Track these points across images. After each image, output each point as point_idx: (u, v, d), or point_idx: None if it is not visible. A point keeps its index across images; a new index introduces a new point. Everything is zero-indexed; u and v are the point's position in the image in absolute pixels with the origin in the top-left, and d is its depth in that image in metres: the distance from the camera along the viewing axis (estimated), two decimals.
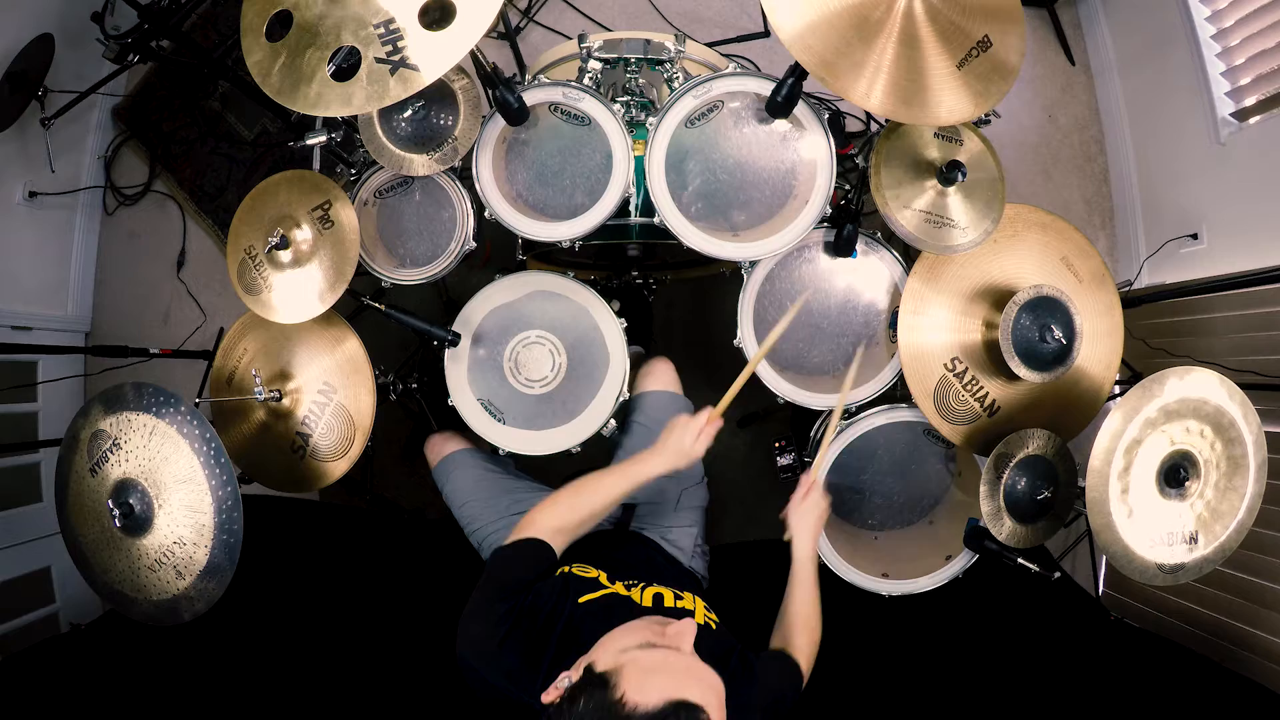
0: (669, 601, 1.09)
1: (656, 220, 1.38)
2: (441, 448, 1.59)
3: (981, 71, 1.18)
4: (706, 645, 0.99)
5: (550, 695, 0.81)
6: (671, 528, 1.42)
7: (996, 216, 1.39)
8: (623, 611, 0.99)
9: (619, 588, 1.08)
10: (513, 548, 1.06)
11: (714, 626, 1.09)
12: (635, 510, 1.42)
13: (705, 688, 0.78)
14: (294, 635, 1.78)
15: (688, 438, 1.18)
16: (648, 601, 1.08)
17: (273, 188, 1.45)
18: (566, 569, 1.09)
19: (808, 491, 1.34)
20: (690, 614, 1.08)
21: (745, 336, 1.50)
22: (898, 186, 1.37)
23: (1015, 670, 1.66)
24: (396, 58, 1.07)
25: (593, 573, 1.09)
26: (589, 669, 0.80)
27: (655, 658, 0.80)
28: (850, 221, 1.44)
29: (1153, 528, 1.32)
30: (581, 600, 1.00)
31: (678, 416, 1.21)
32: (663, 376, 1.58)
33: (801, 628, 1.22)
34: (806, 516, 1.32)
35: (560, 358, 1.50)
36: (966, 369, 1.45)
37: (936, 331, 1.44)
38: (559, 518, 1.11)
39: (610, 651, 0.82)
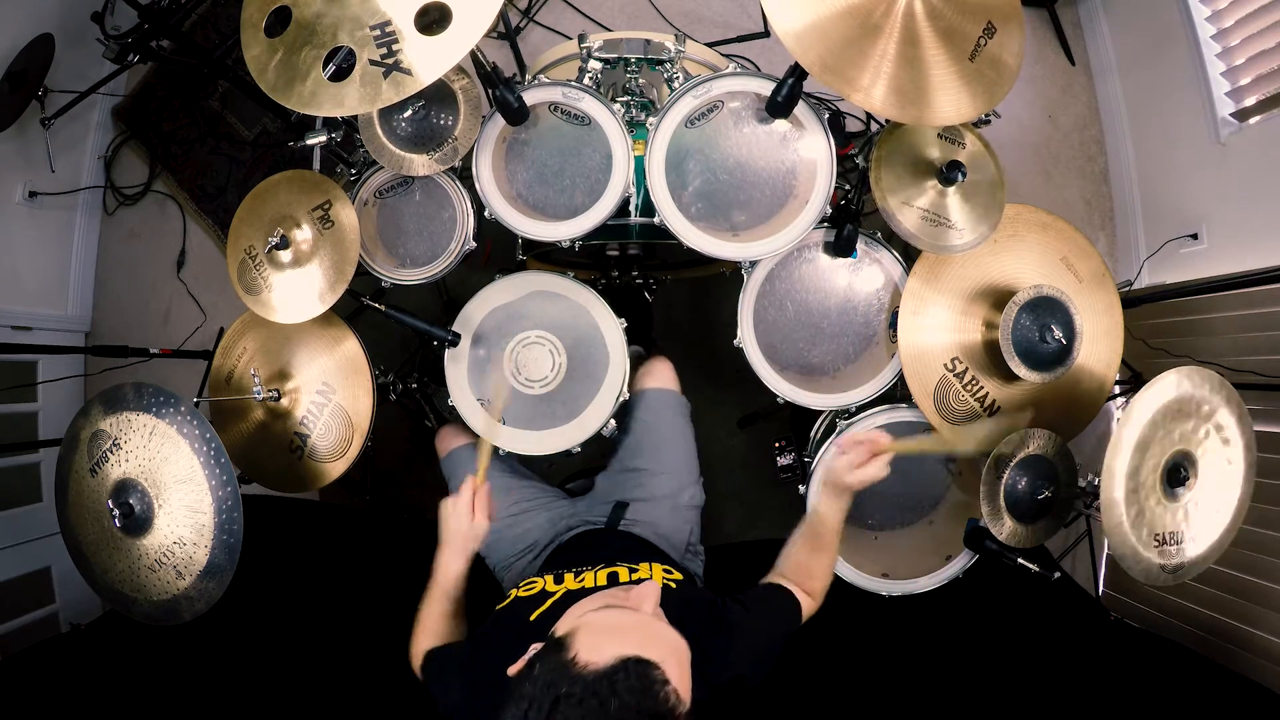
0: (624, 577, 1.09)
1: (656, 220, 1.38)
2: (450, 442, 1.60)
3: (982, 72, 1.18)
4: (668, 605, 0.98)
5: (515, 667, 0.79)
6: (663, 524, 1.41)
7: (996, 217, 1.39)
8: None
9: (568, 583, 1.08)
10: (425, 667, 1.12)
11: (675, 585, 1.08)
12: (627, 509, 1.42)
13: (662, 644, 0.77)
14: (294, 635, 1.78)
15: (463, 518, 1.19)
16: (602, 581, 1.08)
17: (273, 188, 1.45)
18: (512, 593, 1.11)
19: (869, 457, 1.14)
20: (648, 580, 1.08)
21: (745, 337, 1.50)
22: (898, 186, 1.36)
23: (1015, 670, 1.66)
24: (390, 60, 1.07)
25: (537, 585, 1.10)
26: (549, 636, 0.80)
27: (610, 617, 0.79)
28: (850, 221, 1.44)
29: (1156, 527, 1.32)
30: (533, 617, 1.00)
31: (443, 504, 1.22)
32: (662, 375, 1.58)
33: (810, 574, 1.17)
34: (852, 484, 1.15)
35: (560, 358, 1.50)
36: (966, 369, 1.44)
37: (936, 331, 1.44)
38: (431, 636, 1.18)
39: (570, 618, 0.82)
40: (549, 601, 1.03)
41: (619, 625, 0.78)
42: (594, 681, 0.70)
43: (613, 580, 1.08)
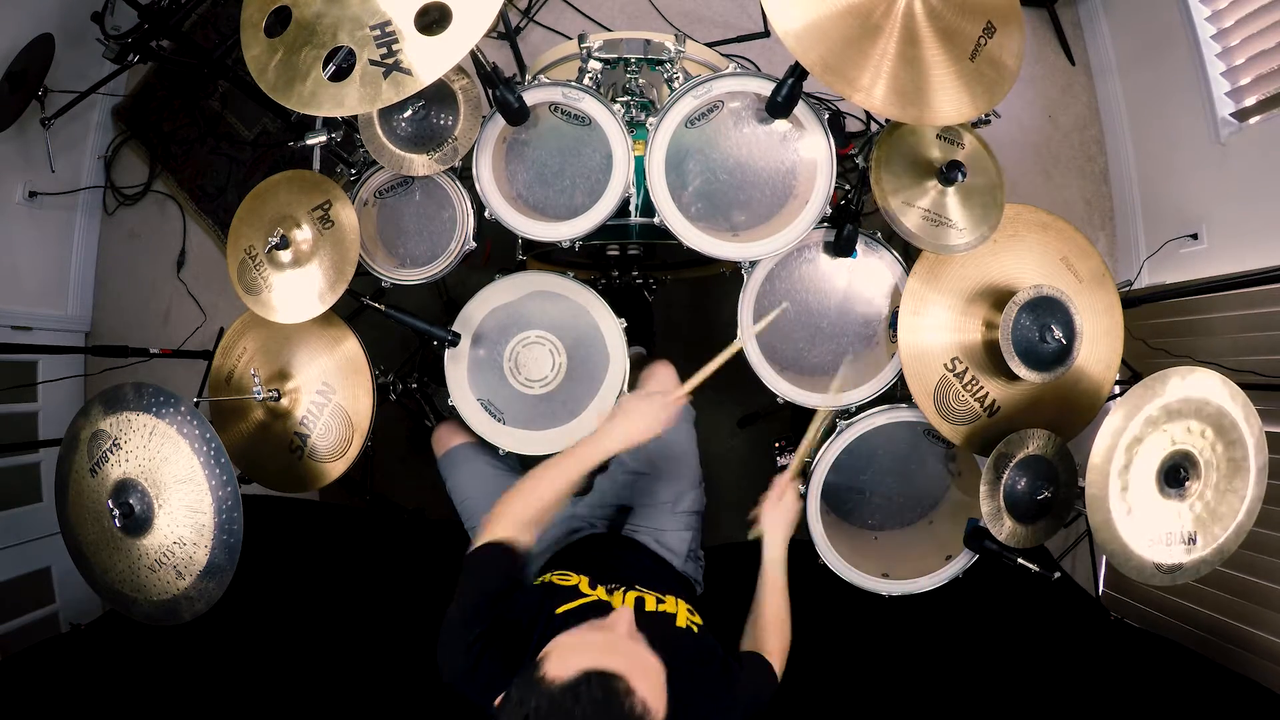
0: (650, 605, 1.09)
1: (656, 220, 1.38)
2: (447, 440, 1.60)
3: (982, 71, 1.18)
4: (689, 648, 1.02)
5: (499, 700, 0.83)
6: (665, 531, 1.42)
7: (996, 217, 1.39)
8: (599, 616, 0.98)
9: (600, 593, 1.08)
10: (478, 555, 1.01)
11: (696, 630, 1.09)
12: (629, 513, 1.42)
13: (626, 658, 0.79)
14: (294, 635, 1.78)
15: (658, 409, 1.14)
16: (629, 605, 1.08)
17: (273, 188, 1.45)
18: (547, 577, 1.10)
19: (782, 492, 1.36)
20: (672, 617, 1.08)
21: (745, 337, 1.49)
22: (898, 186, 1.36)
23: (1015, 670, 1.66)
24: (390, 60, 1.07)
25: (573, 580, 1.09)
26: (532, 660, 0.82)
27: (579, 636, 0.82)
28: (850, 221, 1.44)
29: (1151, 527, 1.32)
30: (559, 611, 1.00)
31: (632, 394, 1.26)
32: (663, 379, 1.57)
33: (773, 631, 1.21)
34: (780, 518, 1.33)
35: (560, 358, 1.50)
36: (966, 369, 1.44)
37: (936, 331, 1.44)
38: (521, 511, 1.07)
39: (549, 644, 0.83)
40: (579, 601, 1.03)
41: (585, 642, 0.81)
42: (558, 695, 0.73)
43: (639, 606, 1.08)
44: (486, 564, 1.01)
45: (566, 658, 0.77)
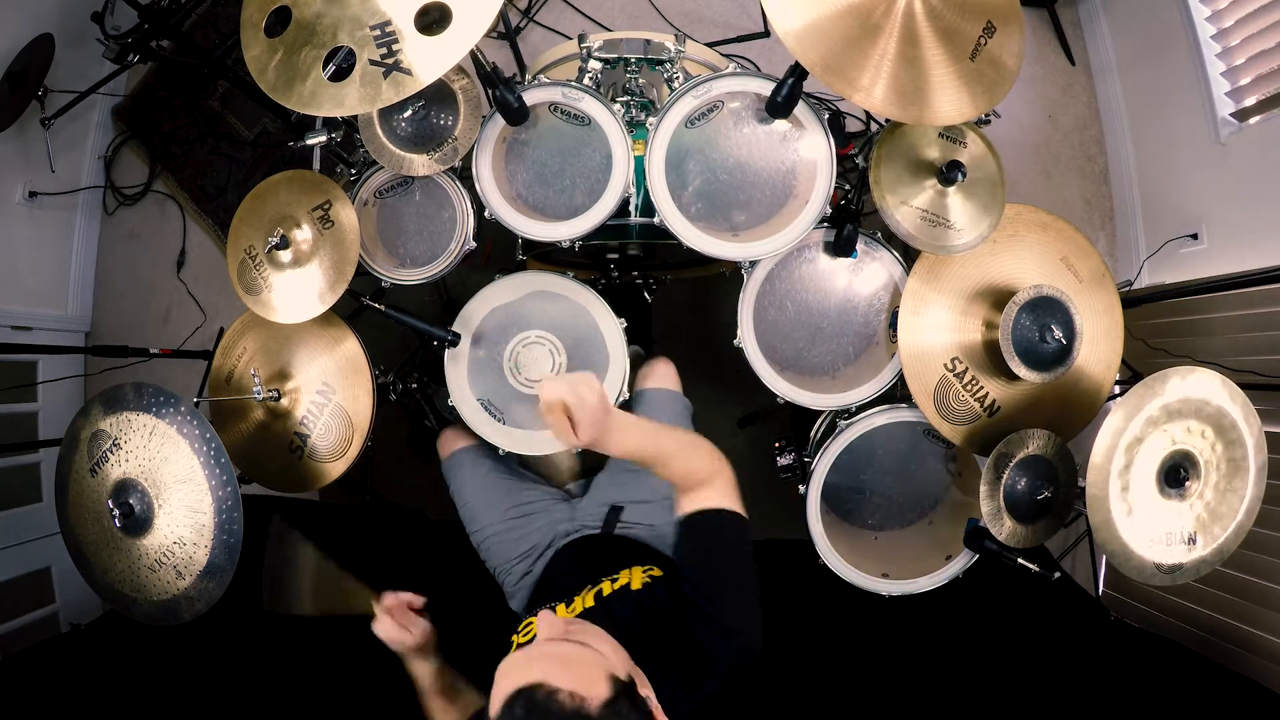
0: (607, 590, 1.10)
1: (656, 220, 1.38)
2: (452, 443, 1.60)
3: (982, 71, 1.18)
4: (648, 604, 1.03)
5: None
6: (661, 524, 1.41)
7: (996, 217, 1.39)
8: None
9: (560, 614, 1.08)
10: None
11: (652, 580, 1.09)
12: (623, 512, 1.41)
13: (544, 663, 0.78)
14: (293, 635, 1.78)
15: (403, 638, 1.18)
16: (590, 603, 1.09)
17: (273, 188, 1.45)
18: (515, 640, 1.10)
19: (550, 403, 0.91)
20: (626, 586, 1.09)
21: (745, 337, 1.50)
22: (897, 186, 1.36)
23: (1015, 670, 1.66)
24: (390, 60, 1.07)
25: (533, 627, 1.07)
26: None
27: (504, 664, 0.80)
28: (850, 221, 1.44)
29: (1152, 527, 1.32)
30: None
31: (376, 632, 1.20)
32: (663, 376, 1.57)
33: (695, 468, 1.02)
34: (590, 423, 0.91)
35: (560, 358, 1.50)
36: (966, 369, 1.44)
37: (936, 331, 1.44)
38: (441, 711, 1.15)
39: None
40: None
41: (506, 670, 0.79)
42: None
43: (599, 598, 1.09)
44: None
45: (496, 694, 0.77)
